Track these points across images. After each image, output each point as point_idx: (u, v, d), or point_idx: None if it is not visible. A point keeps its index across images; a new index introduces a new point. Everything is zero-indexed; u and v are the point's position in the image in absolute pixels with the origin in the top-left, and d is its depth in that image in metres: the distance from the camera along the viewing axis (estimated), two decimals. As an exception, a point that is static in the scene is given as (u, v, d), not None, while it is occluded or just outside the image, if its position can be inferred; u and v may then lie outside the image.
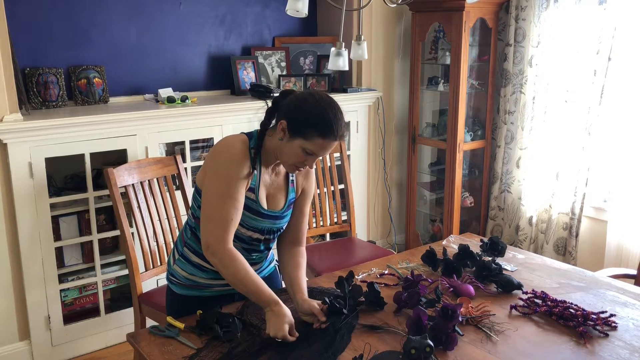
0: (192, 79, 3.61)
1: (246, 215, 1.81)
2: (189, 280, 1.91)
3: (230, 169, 1.74)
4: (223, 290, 1.92)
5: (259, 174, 1.82)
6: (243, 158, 1.76)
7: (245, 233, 1.84)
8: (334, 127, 1.70)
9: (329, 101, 1.74)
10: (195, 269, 1.90)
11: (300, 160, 1.74)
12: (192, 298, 1.91)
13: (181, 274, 1.92)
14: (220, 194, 1.74)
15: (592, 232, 3.57)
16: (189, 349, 1.62)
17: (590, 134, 3.40)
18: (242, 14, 3.75)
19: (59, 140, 2.78)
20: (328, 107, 1.72)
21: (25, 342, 2.89)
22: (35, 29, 3.05)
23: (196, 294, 1.92)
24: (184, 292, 1.93)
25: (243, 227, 1.82)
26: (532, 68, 3.67)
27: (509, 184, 3.92)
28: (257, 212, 1.82)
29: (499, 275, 2.02)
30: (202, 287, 1.91)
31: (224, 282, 1.89)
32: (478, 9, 3.67)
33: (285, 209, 1.90)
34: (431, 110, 4.31)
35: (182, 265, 1.92)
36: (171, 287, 1.97)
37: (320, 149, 1.72)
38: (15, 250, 2.78)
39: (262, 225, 1.85)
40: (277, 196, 1.89)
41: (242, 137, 1.81)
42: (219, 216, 1.73)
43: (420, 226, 4.40)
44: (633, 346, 1.66)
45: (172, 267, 1.96)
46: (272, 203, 1.88)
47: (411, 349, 1.47)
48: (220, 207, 1.73)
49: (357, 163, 3.92)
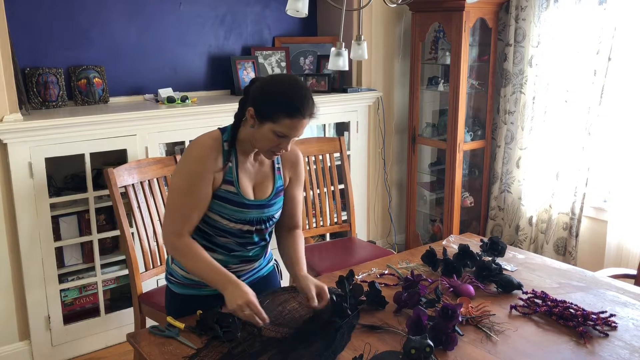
0: (192, 79, 3.61)
1: (230, 208, 1.81)
2: (187, 279, 1.91)
3: (192, 166, 1.77)
4: None
5: (236, 165, 1.82)
6: (210, 154, 1.77)
7: (235, 227, 1.83)
8: (299, 105, 1.70)
9: (292, 80, 1.75)
10: None
11: (275, 144, 1.75)
12: (191, 297, 1.91)
13: (179, 273, 1.92)
14: (180, 189, 1.78)
15: (592, 232, 3.57)
16: (189, 349, 1.62)
17: (590, 134, 3.40)
18: (242, 14, 3.75)
19: (59, 140, 2.78)
20: (291, 86, 1.73)
21: (25, 342, 2.89)
22: (35, 29, 3.05)
23: (195, 293, 1.92)
24: (183, 291, 1.93)
25: (230, 221, 1.82)
26: (532, 68, 3.67)
27: (509, 184, 3.93)
28: (240, 203, 1.82)
29: (499, 275, 2.02)
30: (200, 285, 1.90)
31: None
32: (478, 9, 3.67)
33: (272, 197, 1.89)
34: (431, 110, 4.31)
35: (180, 264, 1.91)
36: (170, 287, 1.97)
37: (290, 129, 1.72)
38: (15, 250, 2.78)
39: (250, 216, 1.84)
40: (264, 185, 1.89)
41: (213, 133, 1.83)
42: (176, 211, 1.78)
43: (420, 226, 4.40)
44: (633, 346, 1.66)
45: (170, 266, 1.97)
46: (260, 192, 1.88)
47: (411, 349, 1.47)
48: (179, 202, 1.78)
49: (357, 163, 3.92)
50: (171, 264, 1.96)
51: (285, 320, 1.73)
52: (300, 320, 1.73)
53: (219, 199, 1.80)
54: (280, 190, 1.93)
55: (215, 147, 1.79)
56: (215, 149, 1.79)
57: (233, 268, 1.90)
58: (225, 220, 1.82)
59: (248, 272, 1.96)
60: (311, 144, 3.12)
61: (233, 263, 1.90)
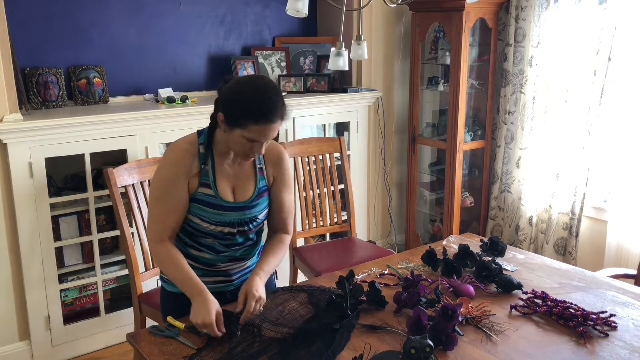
0: (192, 79, 3.61)
1: (209, 211, 1.80)
2: None
3: (166, 172, 1.78)
4: (215, 288, 1.89)
5: (212, 167, 1.81)
6: (182, 158, 1.77)
7: (215, 229, 1.82)
8: (265, 110, 1.67)
9: (258, 85, 1.72)
10: None
11: (247, 148, 1.73)
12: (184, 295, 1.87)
13: None
14: (155, 196, 1.80)
15: (592, 232, 3.57)
16: (189, 349, 1.62)
17: (590, 134, 3.40)
18: (242, 14, 3.75)
19: (59, 140, 2.78)
20: (256, 91, 1.69)
21: (25, 342, 2.89)
22: (35, 29, 3.05)
23: None
24: (176, 289, 1.90)
25: (211, 223, 1.81)
26: (532, 68, 3.67)
27: (509, 184, 3.93)
28: (219, 206, 1.80)
29: (499, 275, 2.02)
30: None
31: (215, 279, 1.90)
32: (478, 9, 3.67)
33: (254, 198, 1.86)
34: (431, 110, 4.31)
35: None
36: (164, 286, 1.97)
37: (260, 134, 1.69)
38: (15, 250, 2.78)
39: (230, 218, 1.82)
40: (244, 186, 1.86)
41: (190, 137, 1.83)
42: (154, 217, 1.81)
43: (420, 226, 4.40)
44: (633, 346, 1.66)
45: None
46: (240, 194, 1.85)
47: (411, 349, 1.47)
48: (156, 208, 1.80)
49: (357, 163, 3.92)
50: None
51: (285, 320, 1.73)
52: (300, 320, 1.73)
53: (197, 202, 1.79)
54: (264, 191, 1.90)
55: (191, 150, 1.79)
56: (190, 153, 1.78)
57: (222, 267, 1.90)
58: (205, 223, 1.81)
59: (240, 270, 1.95)
60: (311, 144, 3.12)
61: (221, 262, 1.90)
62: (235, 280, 1.95)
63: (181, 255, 1.81)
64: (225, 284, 1.94)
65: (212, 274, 1.91)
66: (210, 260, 1.88)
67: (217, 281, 1.92)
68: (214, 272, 1.91)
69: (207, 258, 1.87)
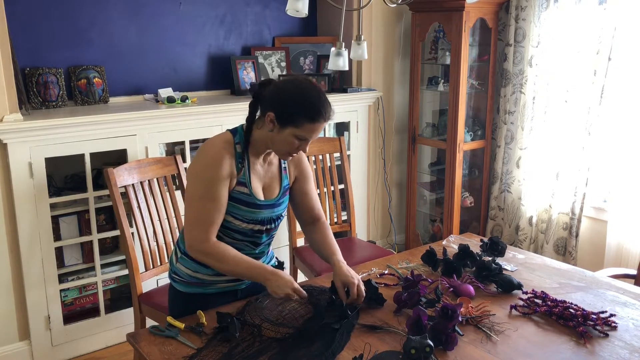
0: (192, 79, 3.61)
1: (243, 209, 1.84)
2: (193, 277, 1.92)
3: (208, 172, 1.77)
4: (227, 287, 1.94)
5: (248, 167, 1.84)
6: (223, 157, 1.78)
7: (247, 227, 1.87)
8: (321, 109, 1.74)
9: (310, 84, 1.78)
10: (199, 266, 1.90)
11: (294, 147, 1.79)
12: (195, 295, 1.93)
13: (185, 272, 1.93)
14: (200, 196, 1.78)
15: (592, 232, 3.57)
16: (189, 349, 1.62)
17: (590, 134, 3.40)
18: (242, 14, 3.75)
19: (59, 140, 2.78)
20: (310, 90, 1.76)
21: (25, 342, 2.89)
22: (35, 29, 3.05)
23: (200, 291, 1.93)
24: (188, 289, 1.94)
25: (243, 221, 1.85)
26: (532, 68, 3.67)
27: (509, 184, 3.93)
28: (253, 204, 1.85)
29: (499, 275, 2.02)
30: (206, 284, 1.92)
31: (228, 278, 1.92)
32: (478, 9, 3.67)
33: (280, 196, 1.93)
34: (431, 110, 4.31)
35: (186, 263, 1.93)
36: (174, 286, 1.98)
37: (312, 132, 1.77)
38: (15, 250, 2.78)
39: (262, 216, 1.88)
40: (272, 185, 1.93)
41: (225, 136, 1.84)
42: (200, 217, 1.79)
43: (420, 226, 4.40)
44: (633, 346, 1.66)
45: (175, 265, 1.97)
46: (268, 193, 1.92)
47: (411, 349, 1.47)
48: (201, 209, 1.78)
49: (357, 163, 3.92)
50: (176, 262, 1.96)
51: (285, 320, 1.73)
52: (300, 320, 1.73)
53: (232, 200, 1.83)
54: (287, 190, 1.97)
55: (228, 149, 1.80)
56: (229, 152, 1.80)
57: None
58: (238, 221, 1.84)
59: None
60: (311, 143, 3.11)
61: None
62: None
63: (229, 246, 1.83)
64: (238, 282, 1.96)
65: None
66: None
67: (231, 279, 1.93)
68: None
69: None
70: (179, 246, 1.97)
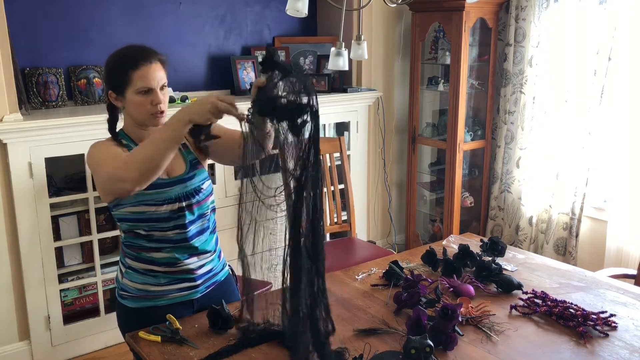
0: (192, 79, 3.61)
1: (152, 193, 1.74)
2: (142, 290, 1.83)
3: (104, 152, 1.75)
4: (179, 297, 1.84)
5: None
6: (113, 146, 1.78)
7: (165, 209, 1.76)
8: (136, 54, 1.76)
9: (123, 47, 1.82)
10: (146, 277, 1.82)
11: (147, 104, 1.75)
12: (146, 309, 1.82)
13: (132, 287, 1.83)
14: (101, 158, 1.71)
15: (592, 232, 3.57)
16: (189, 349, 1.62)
17: (590, 134, 3.40)
18: (242, 14, 3.75)
19: (59, 140, 2.77)
20: (122, 49, 1.80)
21: (25, 342, 2.89)
22: (35, 29, 3.05)
23: (151, 304, 1.83)
24: (138, 304, 1.83)
25: (157, 204, 1.75)
26: (532, 68, 3.67)
27: (509, 184, 3.92)
28: (159, 185, 1.75)
29: (499, 275, 2.02)
30: (157, 296, 1.83)
31: (179, 286, 1.83)
32: (478, 9, 3.67)
33: (188, 170, 1.84)
34: (431, 110, 4.31)
35: (131, 277, 1.84)
36: (123, 303, 1.86)
37: (145, 78, 1.74)
38: (15, 250, 2.78)
39: (173, 193, 1.78)
40: (173, 164, 1.81)
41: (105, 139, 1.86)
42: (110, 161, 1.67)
43: (420, 226, 4.40)
44: (633, 346, 1.66)
45: (121, 282, 1.87)
46: (172, 171, 1.82)
47: (411, 349, 1.47)
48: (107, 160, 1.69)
49: (357, 163, 3.91)
50: (122, 279, 1.86)
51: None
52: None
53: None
54: (196, 163, 1.87)
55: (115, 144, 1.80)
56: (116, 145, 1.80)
57: (185, 264, 1.82)
58: (153, 207, 1.75)
59: (204, 275, 1.88)
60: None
61: (182, 258, 1.82)
62: (200, 286, 1.87)
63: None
64: (190, 291, 1.86)
65: (175, 277, 1.83)
66: (170, 257, 1.81)
67: (182, 288, 1.84)
68: (177, 273, 1.83)
69: (167, 256, 1.80)
70: (122, 261, 1.88)
